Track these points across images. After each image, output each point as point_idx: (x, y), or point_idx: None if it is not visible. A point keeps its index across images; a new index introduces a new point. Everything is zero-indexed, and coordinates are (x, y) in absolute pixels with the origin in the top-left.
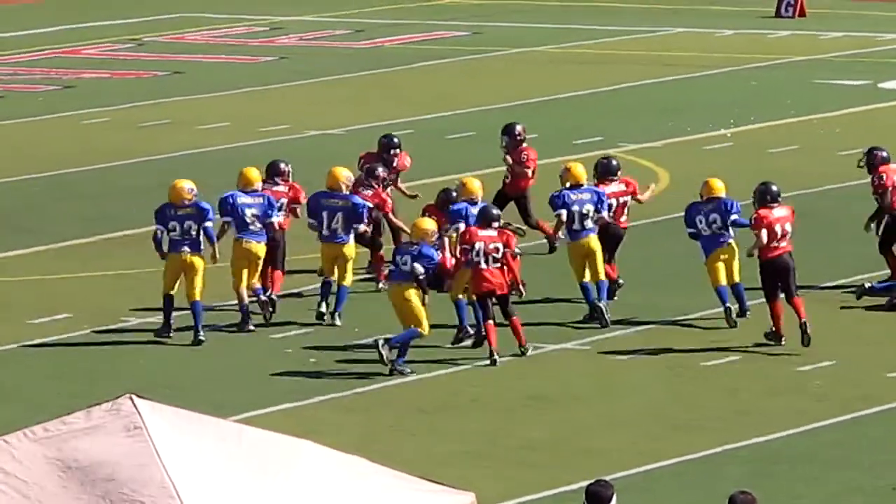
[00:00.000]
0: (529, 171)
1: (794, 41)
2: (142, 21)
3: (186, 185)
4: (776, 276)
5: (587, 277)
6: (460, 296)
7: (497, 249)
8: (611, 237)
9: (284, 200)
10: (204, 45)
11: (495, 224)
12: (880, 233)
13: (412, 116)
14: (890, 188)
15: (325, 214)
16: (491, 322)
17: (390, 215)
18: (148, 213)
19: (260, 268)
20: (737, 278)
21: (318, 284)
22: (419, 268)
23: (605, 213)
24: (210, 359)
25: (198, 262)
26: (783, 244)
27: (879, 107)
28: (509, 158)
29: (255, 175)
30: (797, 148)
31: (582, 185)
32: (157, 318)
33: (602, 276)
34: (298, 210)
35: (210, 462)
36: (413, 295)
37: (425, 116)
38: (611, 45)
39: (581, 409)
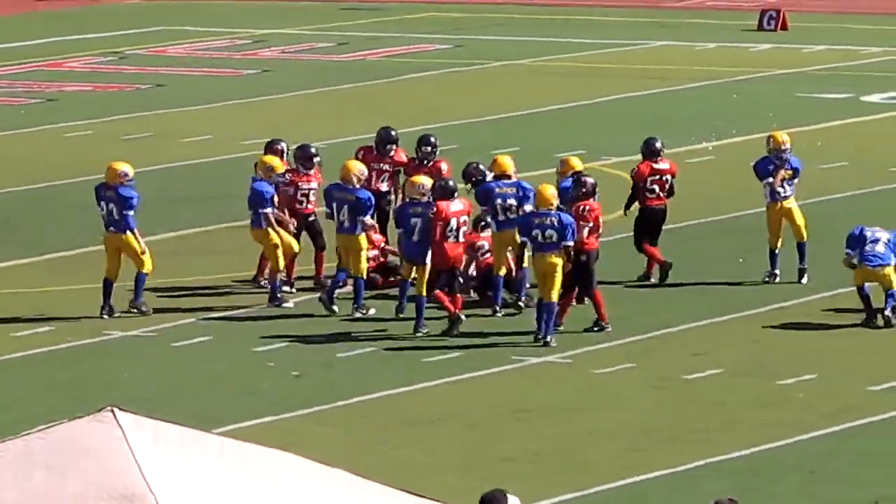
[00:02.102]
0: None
1: (777, 54)
2: (123, 34)
3: (120, 169)
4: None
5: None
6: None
7: (466, 222)
8: None
9: (314, 185)
10: (186, 57)
11: (457, 195)
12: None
13: (396, 129)
14: (642, 183)
15: (334, 206)
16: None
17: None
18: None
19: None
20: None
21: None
22: (570, 242)
23: (528, 207)
24: (193, 371)
25: (122, 240)
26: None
27: (862, 120)
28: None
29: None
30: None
31: (510, 177)
32: (139, 331)
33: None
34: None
35: (192, 475)
36: (560, 263)
37: (408, 129)
38: (593, 58)
39: (566, 422)
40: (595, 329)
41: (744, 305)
